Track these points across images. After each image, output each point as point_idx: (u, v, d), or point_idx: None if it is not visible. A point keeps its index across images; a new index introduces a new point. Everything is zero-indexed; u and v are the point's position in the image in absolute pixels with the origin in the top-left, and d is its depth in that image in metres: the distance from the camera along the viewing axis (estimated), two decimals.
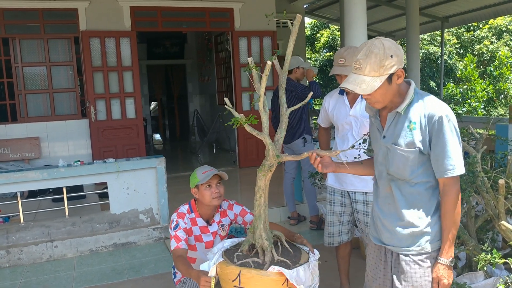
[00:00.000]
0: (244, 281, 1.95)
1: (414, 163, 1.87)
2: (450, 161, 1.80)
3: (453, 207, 1.85)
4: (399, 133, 1.89)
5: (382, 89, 1.82)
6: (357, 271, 3.83)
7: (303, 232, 4.97)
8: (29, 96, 6.79)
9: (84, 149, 6.95)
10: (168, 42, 11.90)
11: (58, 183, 4.59)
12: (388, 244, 2.02)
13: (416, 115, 1.86)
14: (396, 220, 1.96)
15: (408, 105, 1.88)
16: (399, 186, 1.94)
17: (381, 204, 2.04)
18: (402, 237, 1.95)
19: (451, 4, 10.73)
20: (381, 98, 1.86)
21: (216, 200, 2.63)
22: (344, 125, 3.00)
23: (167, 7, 7.18)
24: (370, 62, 1.78)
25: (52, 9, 6.63)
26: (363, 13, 5.10)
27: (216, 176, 2.65)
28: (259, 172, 2.04)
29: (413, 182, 1.91)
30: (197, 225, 2.70)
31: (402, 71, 1.82)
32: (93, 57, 6.80)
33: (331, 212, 3.15)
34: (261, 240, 2.06)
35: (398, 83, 1.85)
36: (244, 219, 2.79)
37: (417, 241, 1.93)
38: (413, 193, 1.92)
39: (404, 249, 1.95)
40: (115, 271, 4.11)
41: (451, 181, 1.84)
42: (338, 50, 2.92)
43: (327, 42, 19.43)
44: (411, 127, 1.86)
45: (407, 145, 1.87)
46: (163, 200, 4.85)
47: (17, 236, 4.46)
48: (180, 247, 2.52)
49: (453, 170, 1.81)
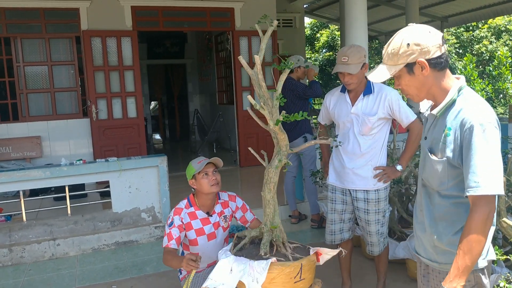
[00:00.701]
0: (304, 272, 2.13)
1: (443, 175, 1.69)
2: (474, 177, 1.56)
3: (474, 231, 1.56)
4: (436, 138, 1.73)
5: (404, 79, 1.71)
6: (358, 269, 3.86)
7: (305, 231, 5.01)
8: (31, 95, 6.80)
9: (85, 148, 6.97)
10: (168, 41, 11.92)
11: (61, 181, 4.61)
12: (417, 253, 1.90)
13: (452, 120, 1.66)
14: (422, 229, 1.83)
15: (448, 107, 1.69)
16: (429, 194, 1.80)
17: (417, 210, 1.91)
18: (427, 249, 1.82)
19: (451, 4, 10.77)
20: (409, 90, 1.73)
21: (215, 187, 2.67)
22: (345, 123, 3.02)
23: (168, 7, 7.20)
24: (387, 51, 1.71)
25: (53, 9, 6.65)
26: (364, 13, 5.13)
27: (211, 164, 2.70)
28: (272, 168, 2.08)
29: (443, 193, 1.73)
30: (198, 218, 2.72)
31: (424, 62, 1.64)
32: (94, 56, 6.82)
33: (333, 210, 3.17)
34: (282, 234, 2.21)
35: (425, 75, 1.67)
36: (244, 216, 2.82)
37: (440, 257, 1.77)
38: (441, 204, 1.74)
39: (429, 262, 1.82)
40: (118, 269, 4.13)
41: (477, 201, 1.57)
42: (342, 48, 2.94)
43: (327, 42, 19.47)
44: (446, 132, 1.67)
45: (438, 152, 1.70)
46: (165, 198, 4.88)
47: (20, 234, 4.48)
48: (169, 246, 2.58)
49: (476, 189, 1.55)
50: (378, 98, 2.91)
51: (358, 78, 2.88)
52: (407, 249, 3.67)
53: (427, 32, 1.66)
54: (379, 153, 2.99)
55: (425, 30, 1.67)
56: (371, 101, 2.93)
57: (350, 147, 2.99)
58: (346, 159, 3.02)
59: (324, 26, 19.88)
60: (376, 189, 3.00)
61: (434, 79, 1.69)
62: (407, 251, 3.67)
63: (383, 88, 2.94)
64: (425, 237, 1.80)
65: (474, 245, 1.56)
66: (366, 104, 2.93)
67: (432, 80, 1.69)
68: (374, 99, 2.92)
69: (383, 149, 3.02)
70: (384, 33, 14.26)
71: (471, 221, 1.58)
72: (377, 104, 2.91)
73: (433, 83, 1.69)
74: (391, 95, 2.90)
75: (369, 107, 2.92)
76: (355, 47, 2.88)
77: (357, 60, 2.82)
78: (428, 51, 1.64)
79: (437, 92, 1.71)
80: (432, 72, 1.67)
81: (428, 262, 1.82)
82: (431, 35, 1.65)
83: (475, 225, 1.56)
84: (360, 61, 2.84)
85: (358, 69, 2.83)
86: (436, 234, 1.74)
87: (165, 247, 2.59)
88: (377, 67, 1.77)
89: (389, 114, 2.92)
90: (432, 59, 1.65)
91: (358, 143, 2.96)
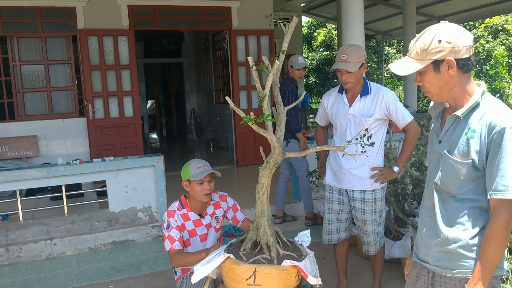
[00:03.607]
0: (260, 278, 1.94)
1: (464, 178, 1.66)
2: (503, 181, 1.54)
3: (496, 235, 1.57)
4: (456, 140, 1.68)
5: (429, 76, 1.67)
6: (354, 268, 3.88)
7: (300, 229, 5.00)
8: (27, 94, 6.78)
9: (82, 148, 6.96)
10: (165, 40, 11.90)
11: (57, 181, 4.61)
12: (423, 261, 1.83)
13: (477, 122, 1.63)
14: (434, 236, 1.76)
15: (471, 110, 1.66)
16: (443, 199, 1.75)
17: (424, 215, 1.84)
18: (437, 255, 1.76)
19: (447, 3, 10.81)
20: (430, 88, 1.70)
21: (206, 197, 2.67)
22: (342, 124, 3.03)
23: (165, 6, 7.19)
24: (416, 45, 1.67)
25: (50, 8, 6.62)
26: (361, 12, 5.14)
27: (209, 173, 2.66)
28: (263, 170, 2.07)
29: (459, 197, 1.70)
30: (190, 219, 2.72)
31: (452, 61, 1.61)
32: (91, 55, 6.81)
33: (329, 210, 3.19)
34: (266, 236, 2.09)
35: (451, 74, 1.64)
36: (235, 215, 2.82)
37: (453, 263, 1.71)
38: (456, 209, 1.70)
39: (438, 269, 1.76)
40: (114, 269, 4.13)
41: (502, 205, 1.56)
42: (342, 47, 2.95)
43: (324, 41, 19.48)
44: (469, 135, 1.64)
45: (461, 155, 1.66)
46: (162, 198, 4.88)
47: (17, 234, 4.47)
48: (174, 248, 2.57)
49: (504, 192, 1.54)
50: (375, 99, 2.92)
51: (355, 77, 2.89)
52: (402, 249, 3.69)
53: (460, 31, 1.64)
54: (376, 154, 3.01)
55: (458, 29, 1.65)
56: (368, 102, 2.94)
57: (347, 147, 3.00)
58: (343, 159, 3.03)
59: (321, 25, 19.90)
60: (373, 189, 3.01)
61: (459, 80, 1.67)
62: (403, 251, 3.68)
63: (380, 89, 2.96)
64: (438, 243, 1.75)
65: (497, 249, 1.58)
66: (363, 105, 2.94)
67: (456, 81, 1.66)
68: (371, 100, 2.93)
69: (380, 150, 3.03)
70: (381, 32, 14.30)
71: (494, 225, 1.58)
72: (374, 105, 2.92)
73: (456, 84, 1.67)
74: (388, 96, 2.91)
75: (366, 108, 2.93)
76: (355, 46, 2.89)
77: (356, 59, 2.84)
78: (458, 51, 1.62)
79: (459, 93, 1.69)
80: (457, 72, 1.65)
81: (437, 269, 1.77)
82: (463, 35, 1.63)
83: (498, 230, 1.57)
84: (359, 60, 2.86)
85: (356, 67, 2.84)
86: (452, 239, 1.70)
87: (170, 250, 2.57)
88: (402, 60, 1.72)
89: (385, 115, 2.94)
90: (460, 59, 1.63)
91: (355, 144, 2.97)
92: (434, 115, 1.86)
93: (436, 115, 1.85)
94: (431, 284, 1.81)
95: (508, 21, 17.31)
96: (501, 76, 11.77)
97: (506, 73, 11.89)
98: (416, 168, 4.10)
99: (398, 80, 18.26)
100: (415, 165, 4.08)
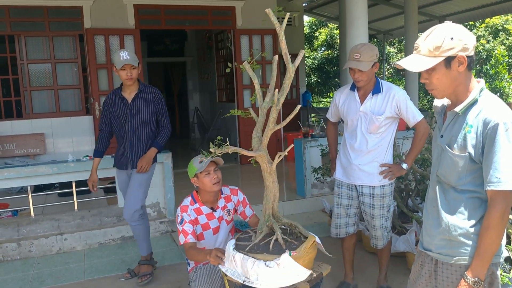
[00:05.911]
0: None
1: (463, 170, 1.76)
2: (495, 173, 1.65)
3: (492, 225, 1.69)
4: (455, 135, 1.78)
5: (439, 73, 1.73)
6: (360, 262, 3.96)
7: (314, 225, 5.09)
8: (34, 92, 6.87)
9: (88, 145, 7.02)
10: (168, 39, 11.98)
11: (68, 177, 4.70)
12: (427, 249, 1.94)
13: (474, 118, 1.73)
14: (436, 225, 1.86)
15: (470, 106, 1.76)
16: (444, 190, 1.86)
17: (428, 206, 1.95)
18: (439, 244, 1.86)
19: (449, 3, 10.90)
20: (439, 84, 1.77)
21: (216, 185, 2.75)
22: (353, 121, 3.09)
23: (170, 5, 7.28)
24: (428, 42, 1.72)
25: (57, 7, 6.71)
26: (364, 12, 5.19)
27: (212, 163, 2.75)
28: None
29: (459, 188, 1.80)
30: (203, 213, 2.81)
31: (464, 57, 1.69)
32: (97, 54, 6.89)
33: (339, 204, 3.26)
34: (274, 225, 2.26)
35: (460, 71, 1.72)
36: (244, 211, 2.92)
37: (454, 251, 1.82)
38: (457, 199, 1.81)
39: (440, 256, 1.86)
40: (124, 263, 4.22)
41: (496, 196, 1.67)
42: (355, 45, 3.00)
43: (326, 40, 19.56)
44: (466, 129, 1.74)
45: (459, 148, 1.76)
46: (170, 194, 4.96)
47: (28, 229, 4.56)
48: (188, 241, 2.67)
49: (497, 184, 1.65)
50: (386, 97, 2.98)
51: (367, 76, 2.95)
52: (407, 243, 3.77)
53: (467, 31, 1.72)
54: (385, 151, 3.07)
55: (464, 28, 1.73)
56: (380, 100, 3.00)
57: (357, 144, 3.08)
58: (353, 155, 3.10)
59: (323, 25, 19.98)
60: (381, 185, 3.08)
61: (464, 77, 1.75)
62: (407, 245, 3.77)
63: (392, 88, 3.02)
64: (440, 231, 1.85)
65: (494, 238, 1.70)
66: (374, 103, 3.00)
67: (462, 78, 1.75)
68: (382, 99, 2.99)
69: (390, 147, 3.10)
70: (383, 32, 14.39)
71: (490, 215, 1.69)
72: (385, 104, 2.98)
73: (462, 81, 1.75)
74: (399, 95, 2.97)
75: (377, 106, 2.99)
76: (368, 45, 2.95)
77: (369, 58, 2.89)
78: (467, 48, 1.70)
79: (462, 90, 1.77)
80: (465, 69, 1.73)
81: (439, 257, 1.87)
82: (470, 34, 1.71)
83: (494, 219, 1.68)
84: (372, 59, 2.91)
85: (369, 66, 2.90)
86: (453, 227, 1.80)
87: (184, 244, 2.67)
88: (411, 57, 1.77)
89: (396, 113, 2.99)
90: (468, 56, 1.71)
91: (366, 141, 3.04)
92: (438, 111, 1.95)
93: (439, 111, 1.94)
94: (434, 271, 1.90)
95: (509, 21, 17.40)
96: (501, 76, 11.86)
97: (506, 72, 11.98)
98: (420, 165, 4.18)
99: (399, 80, 18.34)
100: (419, 162, 4.16)
